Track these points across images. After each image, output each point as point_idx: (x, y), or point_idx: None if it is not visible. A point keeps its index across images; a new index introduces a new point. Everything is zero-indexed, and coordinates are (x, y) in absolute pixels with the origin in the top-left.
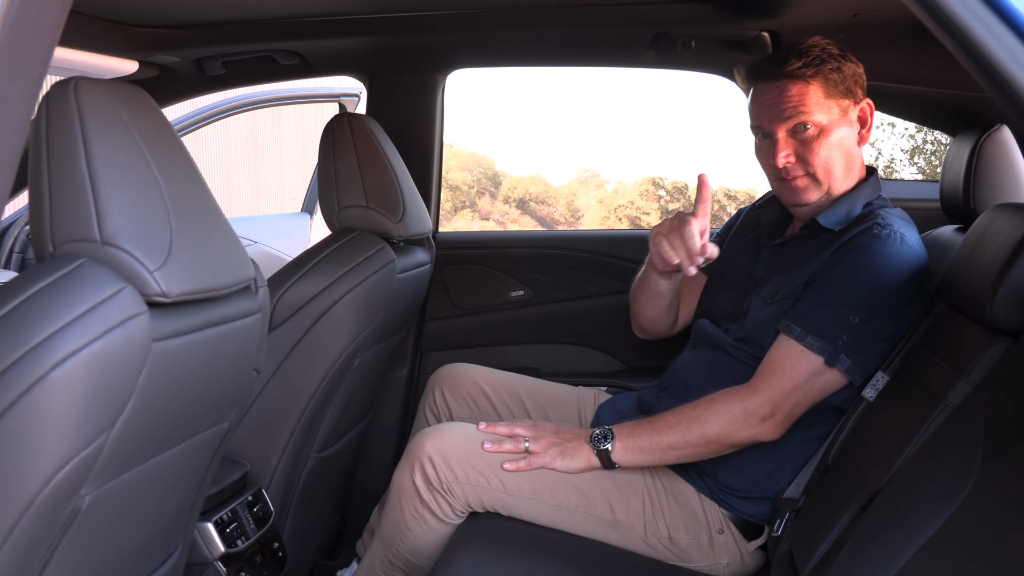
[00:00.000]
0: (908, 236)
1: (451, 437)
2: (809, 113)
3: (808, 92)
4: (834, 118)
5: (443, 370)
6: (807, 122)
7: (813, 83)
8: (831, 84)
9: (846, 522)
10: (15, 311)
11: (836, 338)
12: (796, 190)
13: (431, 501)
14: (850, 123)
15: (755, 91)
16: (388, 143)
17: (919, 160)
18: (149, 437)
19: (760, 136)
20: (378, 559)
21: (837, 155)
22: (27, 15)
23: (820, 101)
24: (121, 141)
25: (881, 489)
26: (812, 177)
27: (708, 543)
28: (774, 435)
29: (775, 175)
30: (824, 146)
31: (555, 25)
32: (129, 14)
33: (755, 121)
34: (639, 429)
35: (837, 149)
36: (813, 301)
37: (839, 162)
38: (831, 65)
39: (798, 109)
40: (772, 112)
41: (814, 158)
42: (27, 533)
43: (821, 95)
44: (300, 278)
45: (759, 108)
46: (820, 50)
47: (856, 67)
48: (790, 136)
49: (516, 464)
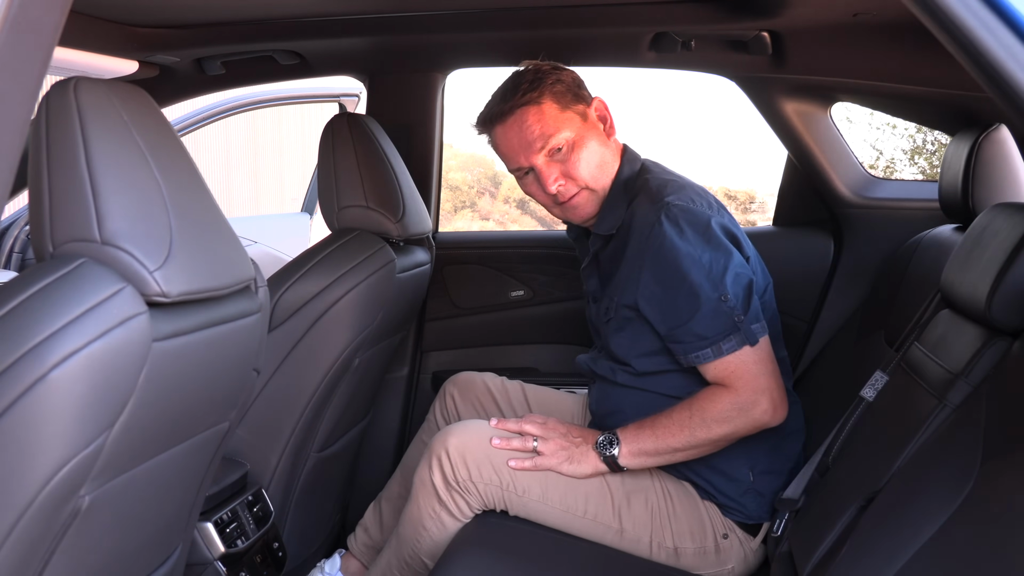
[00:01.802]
0: (676, 205)
1: (470, 434)
2: (555, 131)
3: (544, 112)
4: (578, 127)
5: (456, 376)
6: (558, 142)
7: (544, 102)
8: (559, 96)
9: (846, 522)
10: (15, 311)
11: (732, 323)
12: (577, 208)
13: (448, 500)
14: (593, 125)
15: (496, 137)
16: (388, 143)
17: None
18: (149, 437)
19: (523, 175)
20: (395, 558)
21: (595, 160)
22: (27, 15)
23: (558, 116)
24: (121, 141)
25: (881, 489)
26: (586, 190)
27: (714, 550)
28: (780, 416)
29: (553, 202)
30: (583, 157)
31: (555, 25)
32: (129, 14)
33: (513, 164)
34: (644, 432)
35: (594, 155)
36: (678, 321)
37: (600, 166)
38: (550, 80)
39: (544, 132)
40: (523, 146)
41: (578, 171)
42: (27, 533)
43: (556, 110)
44: (300, 278)
45: (510, 149)
46: (533, 72)
47: (571, 73)
48: (550, 161)
49: (521, 463)
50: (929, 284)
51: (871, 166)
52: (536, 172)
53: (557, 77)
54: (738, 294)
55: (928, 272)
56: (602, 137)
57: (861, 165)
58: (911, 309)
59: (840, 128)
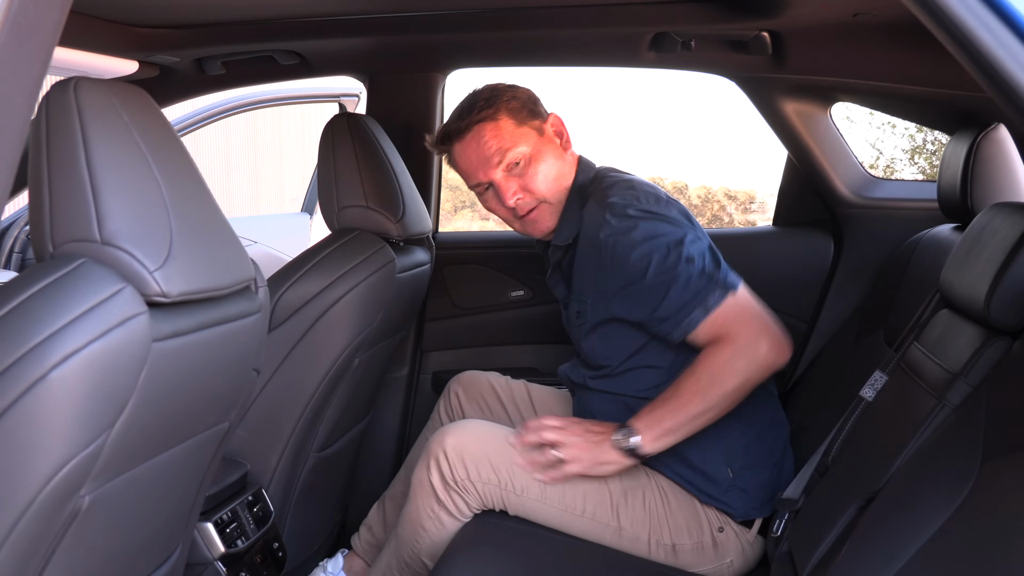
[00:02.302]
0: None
1: (468, 433)
2: (512, 146)
3: (500, 127)
4: (534, 141)
5: (461, 376)
6: (516, 157)
7: (500, 118)
8: (515, 112)
9: (846, 522)
10: (15, 311)
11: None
12: (537, 221)
13: (447, 500)
14: (549, 140)
15: (455, 155)
16: (388, 143)
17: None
18: (149, 437)
19: (483, 191)
20: (395, 559)
21: (552, 173)
22: (27, 15)
23: (515, 132)
24: (121, 141)
25: (881, 489)
26: (544, 203)
27: (711, 544)
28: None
29: (513, 216)
30: (540, 171)
31: (555, 25)
32: (129, 14)
33: (472, 180)
34: (657, 413)
35: (551, 168)
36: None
37: (556, 179)
38: (505, 97)
39: (501, 147)
40: (481, 162)
41: (535, 185)
42: (27, 533)
43: (512, 125)
44: (300, 278)
45: (469, 165)
46: (489, 90)
47: (526, 90)
48: (508, 176)
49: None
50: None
51: (871, 166)
52: (495, 187)
53: (512, 94)
54: (703, 253)
55: (927, 272)
56: (558, 151)
57: (861, 165)
58: (910, 309)
59: (840, 128)
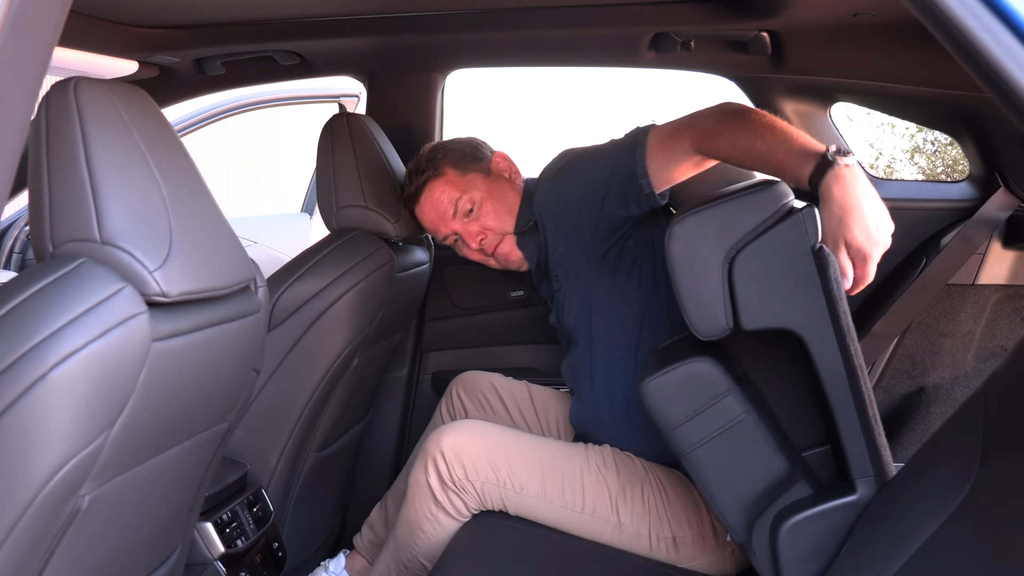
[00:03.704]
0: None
1: (465, 433)
2: (461, 194)
3: (448, 181)
4: (481, 183)
5: (463, 376)
6: (467, 204)
7: (445, 172)
8: (456, 162)
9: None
10: (15, 311)
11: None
12: (507, 255)
13: (445, 500)
14: (497, 177)
15: (419, 217)
16: (387, 143)
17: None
18: (149, 437)
19: (452, 241)
20: (393, 561)
21: (504, 207)
22: (27, 15)
23: (460, 180)
24: (121, 141)
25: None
26: (506, 235)
27: (712, 535)
28: None
29: (484, 256)
30: (493, 209)
31: (555, 25)
32: (129, 14)
33: (440, 235)
34: None
35: (502, 203)
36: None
37: (509, 211)
38: (443, 152)
39: (452, 198)
40: (440, 216)
41: (493, 222)
42: (27, 532)
43: (457, 176)
44: (299, 278)
45: (431, 223)
46: (428, 150)
47: (465, 140)
48: (468, 222)
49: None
50: None
51: (871, 166)
52: (459, 235)
53: (451, 147)
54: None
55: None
56: (507, 185)
57: (861, 165)
58: None
59: (840, 128)
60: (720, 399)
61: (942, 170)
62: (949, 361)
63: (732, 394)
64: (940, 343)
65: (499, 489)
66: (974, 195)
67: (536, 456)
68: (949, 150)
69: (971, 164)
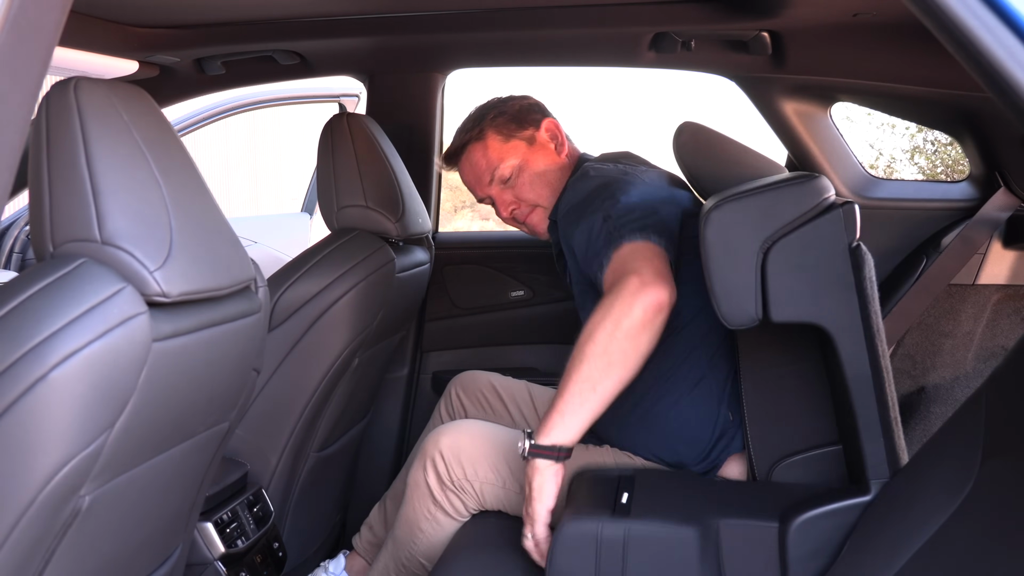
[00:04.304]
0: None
1: (463, 433)
2: (499, 162)
3: (488, 147)
4: (523, 152)
5: (462, 375)
6: (505, 172)
7: (487, 137)
8: (501, 128)
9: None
10: (15, 311)
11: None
12: (535, 225)
13: (443, 500)
14: (541, 148)
15: (460, 175)
16: (387, 143)
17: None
18: (149, 437)
19: (488, 204)
20: (392, 561)
21: (542, 180)
22: (27, 15)
23: (502, 147)
24: (121, 141)
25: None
26: (539, 207)
27: None
28: (663, 289)
29: (514, 224)
30: (529, 180)
31: (555, 25)
32: (129, 14)
33: (476, 196)
34: (551, 408)
35: (541, 176)
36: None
37: (547, 185)
38: (491, 115)
39: (490, 166)
40: (476, 180)
41: (527, 193)
42: (27, 533)
43: (500, 142)
44: (299, 278)
45: (469, 184)
46: (476, 110)
47: (521, 101)
48: (503, 189)
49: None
50: None
51: (871, 166)
52: (493, 200)
53: (499, 110)
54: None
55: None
56: (551, 157)
57: (861, 165)
58: None
59: (840, 128)
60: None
61: (942, 170)
62: (949, 361)
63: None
64: (940, 343)
65: (498, 489)
66: (974, 195)
67: None
68: (949, 150)
69: (971, 164)
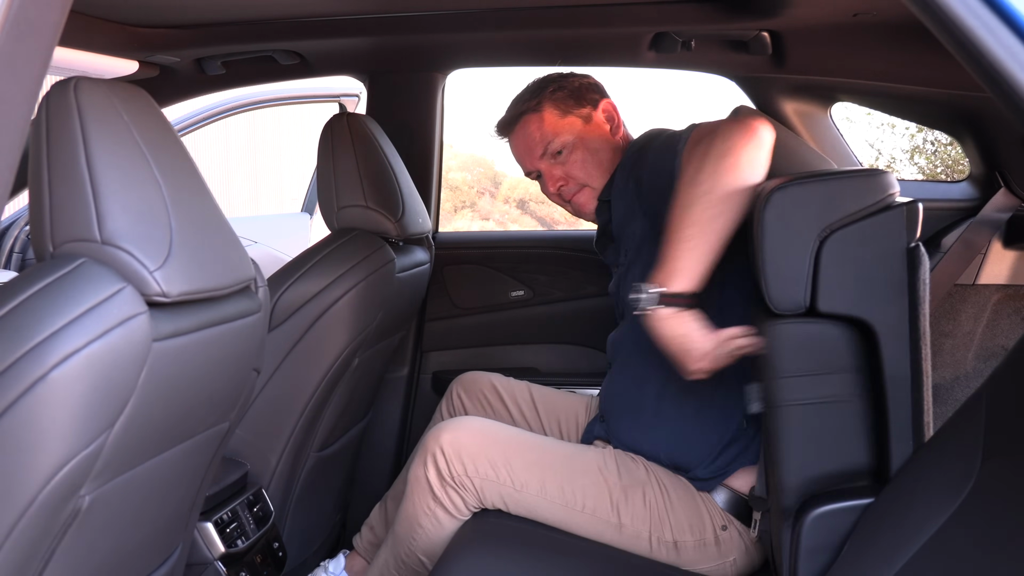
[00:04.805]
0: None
1: (464, 430)
2: (554, 136)
3: (544, 119)
4: (578, 129)
5: (463, 376)
6: (558, 147)
7: (545, 110)
8: (559, 103)
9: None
10: (15, 311)
11: None
12: (582, 205)
13: (443, 497)
14: (597, 126)
15: (510, 144)
16: (387, 143)
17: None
18: (149, 437)
19: (534, 177)
20: (392, 557)
21: (594, 160)
22: (27, 15)
23: (558, 122)
24: (121, 141)
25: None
26: (588, 187)
27: (714, 542)
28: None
29: (559, 201)
30: (581, 159)
31: (555, 25)
32: (129, 14)
33: (524, 168)
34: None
35: (593, 155)
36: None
37: (599, 165)
38: (551, 88)
39: (544, 138)
40: (527, 152)
41: (578, 172)
42: (27, 533)
43: (557, 116)
44: (299, 278)
45: (518, 155)
46: (537, 81)
47: (582, 79)
48: (553, 164)
49: None
50: None
51: (871, 166)
52: (542, 175)
53: (559, 84)
54: None
55: None
56: (606, 137)
57: (861, 165)
58: None
59: (840, 128)
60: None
61: (942, 170)
62: (950, 361)
63: (851, 373)
64: (941, 343)
65: (498, 487)
66: (974, 195)
67: (536, 454)
68: (949, 150)
69: (971, 164)
